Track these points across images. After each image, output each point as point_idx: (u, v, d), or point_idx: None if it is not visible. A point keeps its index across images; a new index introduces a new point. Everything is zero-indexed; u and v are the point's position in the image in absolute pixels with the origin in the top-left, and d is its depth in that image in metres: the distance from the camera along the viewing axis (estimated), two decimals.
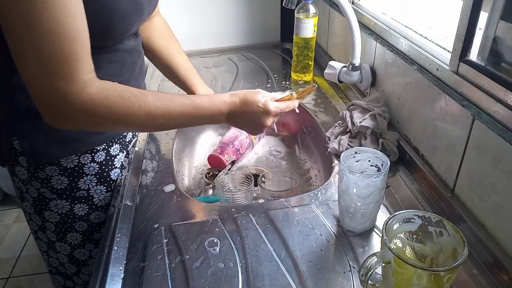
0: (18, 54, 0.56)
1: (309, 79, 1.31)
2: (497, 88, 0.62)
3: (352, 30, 0.97)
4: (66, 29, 0.54)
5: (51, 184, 0.79)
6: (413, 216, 0.57)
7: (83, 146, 0.79)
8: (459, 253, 0.51)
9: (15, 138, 0.75)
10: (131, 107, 0.62)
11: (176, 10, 1.48)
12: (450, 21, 0.77)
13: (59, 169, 0.78)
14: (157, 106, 0.64)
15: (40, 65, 0.55)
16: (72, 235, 0.85)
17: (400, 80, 0.90)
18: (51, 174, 0.78)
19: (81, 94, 0.58)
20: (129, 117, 0.63)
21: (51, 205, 0.81)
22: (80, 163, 0.79)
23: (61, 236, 0.85)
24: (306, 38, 1.24)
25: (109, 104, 0.61)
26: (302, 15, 1.21)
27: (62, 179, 0.79)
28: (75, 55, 0.57)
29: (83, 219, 0.84)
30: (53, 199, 0.80)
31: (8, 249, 1.92)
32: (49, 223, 0.83)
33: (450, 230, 0.54)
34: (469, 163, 0.69)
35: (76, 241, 0.86)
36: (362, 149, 0.70)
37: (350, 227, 0.71)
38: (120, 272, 0.66)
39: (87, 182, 0.81)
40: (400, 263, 0.51)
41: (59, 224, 0.83)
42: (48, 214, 0.82)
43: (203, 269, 0.66)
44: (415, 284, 0.51)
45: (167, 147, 1.00)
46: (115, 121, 0.63)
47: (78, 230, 0.85)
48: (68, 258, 0.88)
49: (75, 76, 0.57)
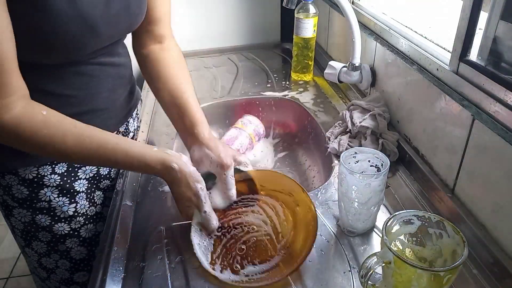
0: None
1: (309, 79, 1.31)
2: (497, 88, 0.62)
3: (352, 30, 0.97)
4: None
5: (12, 193, 0.77)
6: (412, 217, 0.57)
7: (41, 158, 0.75)
8: (459, 255, 0.51)
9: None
10: (43, 145, 0.62)
11: (176, 10, 1.48)
12: (450, 21, 0.77)
13: (18, 179, 0.75)
14: (74, 152, 0.64)
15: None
16: (37, 243, 0.83)
17: (400, 80, 0.90)
18: (11, 183, 0.76)
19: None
20: (43, 152, 0.64)
21: (15, 212, 0.79)
22: (40, 175, 0.76)
23: (28, 243, 0.83)
24: (306, 38, 1.24)
25: (20, 136, 0.60)
26: (302, 15, 1.21)
27: (22, 189, 0.76)
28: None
29: (46, 230, 0.81)
30: (16, 207, 0.78)
31: (8, 249, 1.92)
32: (16, 229, 0.82)
33: (450, 231, 0.54)
34: (469, 163, 0.69)
35: (41, 250, 0.84)
36: (362, 149, 0.70)
37: (350, 227, 0.71)
38: (120, 272, 0.66)
39: (47, 193, 0.78)
40: (400, 263, 0.51)
41: (24, 231, 0.81)
42: (14, 221, 0.81)
43: (203, 269, 0.66)
44: (415, 284, 0.51)
45: (167, 147, 1.00)
46: (29, 150, 0.64)
47: (42, 240, 0.82)
48: (38, 264, 0.86)
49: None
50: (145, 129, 1.05)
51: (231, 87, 1.30)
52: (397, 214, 0.57)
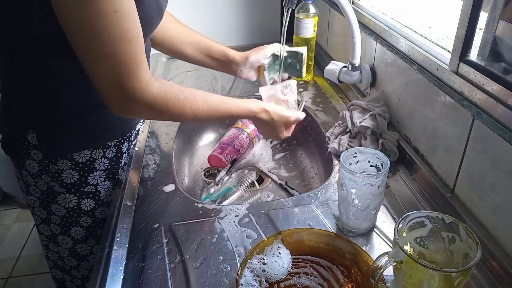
0: (87, 60, 0.62)
1: (309, 79, 1.31)
2: (497, 88, 0.62)
3: (352, 30, 0.97)
4: (128, 33, 0.61)
5: (61, 178, 0.80)
6: (425, 219, 0.56)
7: (96, 141, 0.81)
8: (471, 258, 0.51)
9: (31, 131, 0.76)
10: (183, 108, 0.72)
11: (176, 10, 1.48)
12: (450, 21, 0.77)
13: (71, 163, 0.79)
14: (203, 110, 0.75)
15: (109, 68, 0.62)
16: (76, 229, 0.86)
17: (400, 80, 0.90)
18: (62, 168, 0.79)
19: (145, 92, 0.66)
20: (181, 115, 0.73)
21: (59, 199, 0.82)
22: (92, 158, 0.81)
23: (65, 230, 0.86)
24: (306, 38, 1.24)
25: (167, 104, 0.70)
26: (302, 15, 1.21)
27: (73, 173, 0.80)
28: (137, 56, 0.63)
29: (88, 214, 0.85)
30: (62, 193, 0.82)
31: (8, 249, 1.92)
32: (54, 216, 0.84)
33: (463, 234, 0.53)
34: (469, 163, 0.69)
35: (79, 236, 0.87)
36: (362, 149, 0.70)
37: (350, 227, 0.71)
38: (120, 272, 0.65)
39: (96, 177, 0.83)
40: (412, 264, 0.50)
41: (64, 218, 0.84)
42: (55, 208, 0.83)
43: (203, 269, 0.66)
44: (426, 287, 0.51)
45: (167, 147, 1.00)
46: (170, 116, 0.74)
47: (82, 225, 0.86)
48: (70, 252, 0.89)
49: (138, 76, 0.64)
50: (145, 129, 1.05)
51: (231, 86, 1.30)
52: (409, 214, 0.56)
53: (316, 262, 0.66)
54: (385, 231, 0.72)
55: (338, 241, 0.66)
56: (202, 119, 0.77)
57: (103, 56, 0.60)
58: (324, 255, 0.67)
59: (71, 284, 0.95)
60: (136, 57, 0.63)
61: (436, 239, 0.57)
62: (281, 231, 0.68)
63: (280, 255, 0.64)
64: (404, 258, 0.51)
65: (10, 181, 2.00)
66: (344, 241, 0.66)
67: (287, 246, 0.66)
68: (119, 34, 0.59)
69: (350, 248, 0.65)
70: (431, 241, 0.57)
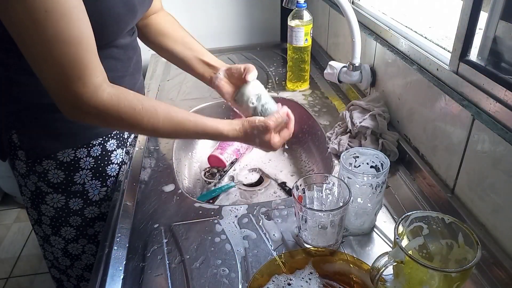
0: (31, 58, 0.60)
1: (305, 87, 1.26)
2: (497, 88, 0.62)
3: (352, 30, 0.97)
4: (69, 35, 0.58)
5: (48, 178, 0.80)
6: (424, 221, 0.56)
7: (79, 140, 0.81)
8: (469, 261, 0.50)
9: (14, 132, 0.77)
10: (140, 119, 0.66)
11: (176, 10, 1.48)
12: (450, 21, 0.77)
13: (55, 163, 0.79)
14: (164, 125, 0.69)
15: (52, 69, 0.59)
16: (66, 229, 0.86)
17: (400, 80, 0.90)
18: (48, 168, 0.79)
19: (93, 97, 0.62)
20: (137, 127, 0.68)
21: (47, 199, 0.82)
22: (76, 157, 0.81)
23: (56, 230, 0.86)
24: (299, 47, 1.17)
25: (119, 112, 0.65)
26: (293, 22, 1.14)
27: (59, 173, 0.80)
28: (82, 59, 0.60)
29: (77, 214, 0.85)
30: (49, 193, 0.82)
31: (8, 249, 1.92)
32: (45, 217, 0.85)
33: (460, 237, 0.53)
34: (469, 163, 0.69)
35: (70, 236, 0.87)
36: (362, 149, 0.70)
37: (350, 227, 0.71)
38: (120, 272, 0.66)
39: (82, 176, 0.83)
40: (412, 264, 0.50)
41: (54, 218, 0.85)
42: (44, 208, 0.84)
43: (203, 269, 0.66)
44: (426, 286, 0.51)
45: (167, 147, 1.00)
46: (126, 127, 0.70)
47: (72, 225, 0.86)
48: (62, 252, 0.89)
49: (85, 79, 0.61)
50: None
51: None
52: (410, 214, 0.56)
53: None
54: (385, 231, 0.72)
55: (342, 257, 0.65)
56: (162, 134, 0.73)
57: (41, 56, 0.59)
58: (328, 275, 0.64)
59: (69, 283, 0.95)
60: (79, 60, 0.60)
61: (436, 240, 0.57)
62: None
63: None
64: (404, 258, 0.51)
65: (10, 181, 2.00)
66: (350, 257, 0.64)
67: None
68: (54, 35, 0.57)
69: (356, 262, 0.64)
70: (431, 241, 0.57)
